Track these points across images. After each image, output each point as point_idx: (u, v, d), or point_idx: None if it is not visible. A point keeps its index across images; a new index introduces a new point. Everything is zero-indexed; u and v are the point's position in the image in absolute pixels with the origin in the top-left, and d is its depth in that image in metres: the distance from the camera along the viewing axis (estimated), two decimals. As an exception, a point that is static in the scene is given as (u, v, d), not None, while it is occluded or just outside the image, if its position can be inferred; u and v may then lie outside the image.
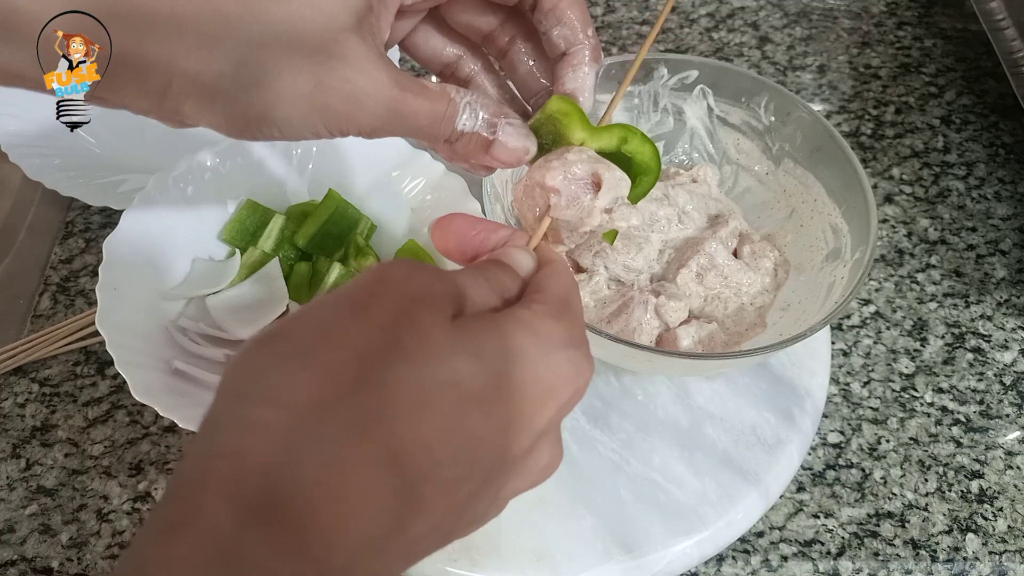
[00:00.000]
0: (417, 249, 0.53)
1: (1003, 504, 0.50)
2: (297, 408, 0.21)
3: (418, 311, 0.23)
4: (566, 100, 0.34)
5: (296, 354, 0.22)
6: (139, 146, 0.64)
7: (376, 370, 0.22)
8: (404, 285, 0.24)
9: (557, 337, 0.25)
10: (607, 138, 0.35)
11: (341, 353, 0.22)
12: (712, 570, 0.48)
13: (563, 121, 0.34)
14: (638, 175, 0.36)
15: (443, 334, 0.23)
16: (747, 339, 0.49)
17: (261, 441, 0.20)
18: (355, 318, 0.23)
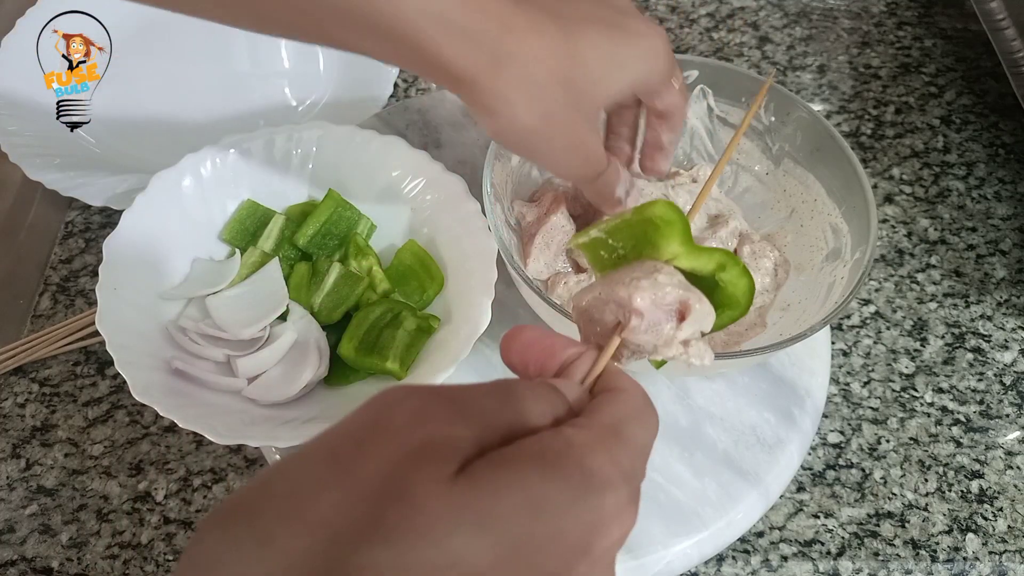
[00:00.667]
0: (417, 249, 0.53)
1: (1003, 504, 0.50)
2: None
3: (412, 472, 0.19)
4: (673, 208, 0.31)
5: (254, 540, 0.19)
6: (139, 146, 0.64)
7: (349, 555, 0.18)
8: (405, 434, 0.20)
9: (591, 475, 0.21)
10: (705, 260, 0.32)
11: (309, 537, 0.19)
12: (712, 570, 0.48)
13: (662, 229, 0.31)
14: (722, 307, 0.32)
15: (439, 502, 0.19)
16: (747, 339, 0.49)
17: None
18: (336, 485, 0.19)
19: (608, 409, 0.24)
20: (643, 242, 0.31)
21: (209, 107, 0.68)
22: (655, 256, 0.31)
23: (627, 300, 0.29)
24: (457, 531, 0.19)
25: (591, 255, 0.32)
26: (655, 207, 0.30)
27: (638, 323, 0.29)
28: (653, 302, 0.29)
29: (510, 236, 0.50)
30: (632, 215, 0.31)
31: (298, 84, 0.69)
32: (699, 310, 0.30)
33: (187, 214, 0.52)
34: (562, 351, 0.27)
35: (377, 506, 0.19)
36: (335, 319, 0.51)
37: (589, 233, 0.32)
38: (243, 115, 0.67)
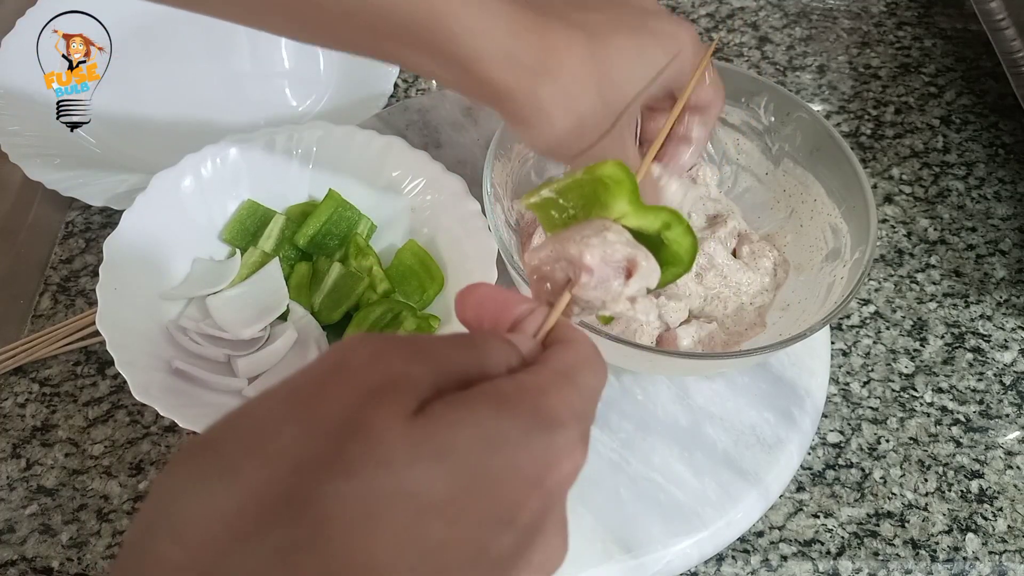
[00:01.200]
0: (417, 249, 0.53)
1: (1003, 504, 0.50)
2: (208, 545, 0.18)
3: (372, 408, 0.20)
4: (623, 168, 0.32)
5: (218, 472, 0.19)
6: (139, 146, 0.64)
7: (311, 487, 0.19)
8: (364, 373, 0.21)
9: (543, 414, 0.22)
10: (652, 218, 0.33)
11: (272, 469, 0.19)
12: (712, 570, 0.48)
13: (611, 188, 0.32)
14: (667, 264, 0.33)
15: (398, 436, 0.20)
16: (747, 339, 0.49)
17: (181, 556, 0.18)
18: (297, 420, 0.20)
19: (559, 357, 0.25)
20: (592, 201, 0.32)
21: (209, 107, 0.68)
22: (604, 215, 0.32)
23: (577, 257, 0.30)
24: (416, 463, 0.19)
25: (542, 215, 0.33)
26: (605, 167, 0.31)
27: (588, 279, 0.30)
28: (602, 259, 0.30)
29: (510, 236, 0.50)
30: (582, 174, 0.32)
31: (298, 84, 0.69)
32: (646, 267, 0.31)
33: (187, 214, 0.53)
34: (515, 307, 0.28)
35: (337, 440, 0.19)
36: (335, 319, 0.51)
37: (540, 193, 0.33)
38: (243, 115, 0.67)
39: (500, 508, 0.21)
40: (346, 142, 0.55)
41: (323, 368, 0.21)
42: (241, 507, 0.19)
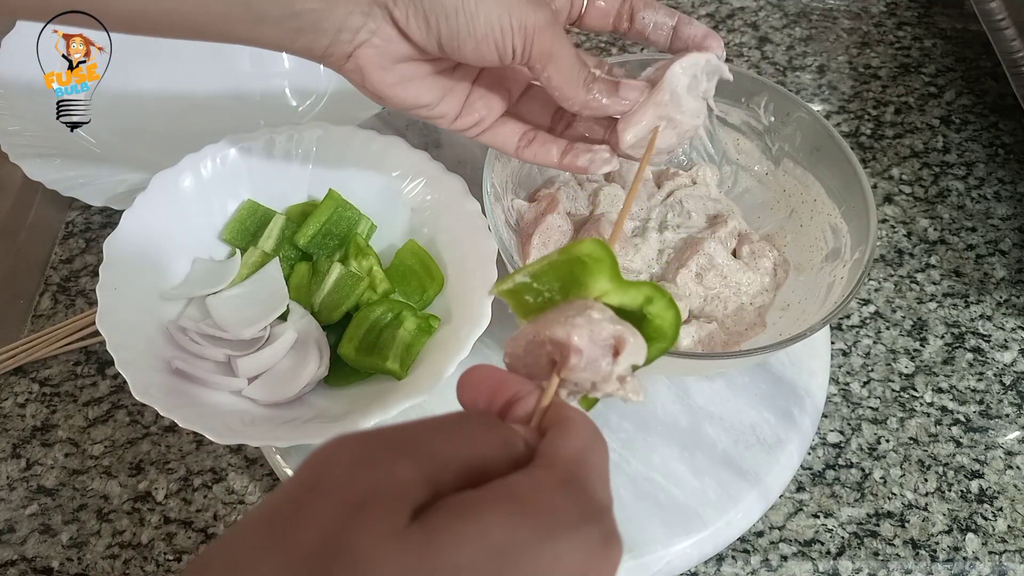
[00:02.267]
0: (417, 249, 0.53)
1: (1003, 504, 0.50)
2: None
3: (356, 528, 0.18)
4: (603, 245, 0.31)
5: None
6: (139, 146, 0.64)
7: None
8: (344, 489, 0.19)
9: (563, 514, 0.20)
10: (634, 294, 0.32)
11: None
12: (712, 570, 0.48)
13: (591, 267, 0.31)
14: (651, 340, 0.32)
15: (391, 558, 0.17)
16: (747, 339, 0.49)
17: None
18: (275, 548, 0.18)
19: (567, 443, 0.23)
20: (570, 282, 0.31)
21: (209, 107, 0.68)
22: (583, 295, 0.31)
23: (565, 339, 0.28)
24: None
25: (515, 302, 0.32)
26: (583, 245, 0.30)
27: (577, 361, 0.28)
28: (590, 339, 0.29)
29: (510, 236, 0.50)
30: (559, 255, 0.31)
31: (298, 84, 0.69)
32: (633, 343, 0.30)
33: (187, 214, 0.52)
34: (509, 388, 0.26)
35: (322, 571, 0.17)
36: (335, 319, 0.51)
37: (514, 279, 0.31)
38: (243, 115, 0.67)
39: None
40: (346, 142, 0.55)
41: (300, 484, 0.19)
42: None
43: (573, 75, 0.39)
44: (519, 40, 0.36)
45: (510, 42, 0.36)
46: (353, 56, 0.38)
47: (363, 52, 0.38)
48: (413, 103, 0.40)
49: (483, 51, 0.37)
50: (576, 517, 0.20)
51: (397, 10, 0.36)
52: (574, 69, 0.39)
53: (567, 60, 0.38)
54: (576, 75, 0.39)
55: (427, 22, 0.36)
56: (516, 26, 0.36)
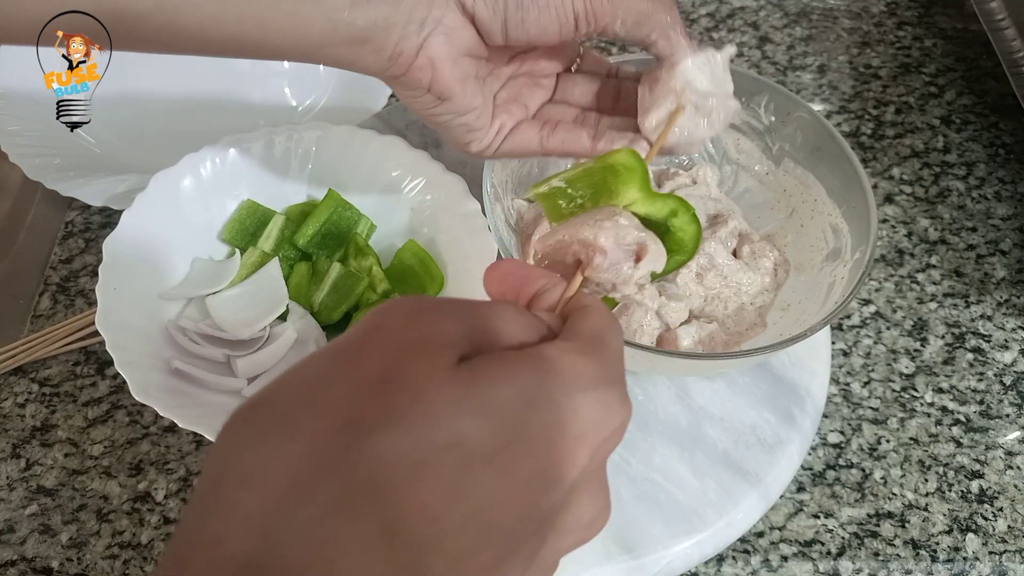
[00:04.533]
0: (417, 249, 0.53)
1: (1003, 504, 0.50)
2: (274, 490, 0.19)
3: (413, 362, 0.21)
4: (636, 156, 0.33)
5: (276, 426, 0.20)
6: (139, 146, 0.64)
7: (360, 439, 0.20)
8: (401, 332, 0.22)
9: (585, 375, 0.23)
10: (660, 205, 0.34)
11: (325, 420, 0.20)
12: (712, 570, 0.48)
13: (624, 176, 0.33)
14: (671, 252, 0.35)
15: (441, 388, 0.20)
16: (747, 339, 0.49)
17: (238, 529, 0.19)
18: (343, 376, 0.21)
19: (587, 323, 0.25)
20: (602, 190, 0.33)
21: (209, 107, 0.68)
22: (613, 203, 0.33)
23: (592, 239, 0.31)
24: (461, 414, 0.20)
25: (549, 205, 0.34)
26: (618, 155, 0.33)
27: (601, 260, 0.31)
28: (616, 242, 0.31)
29: (510, 236, 0.50)
30: (595, 163, 0.33)
31: (298, 84, 0.69)
32: (655, 251, 0.32)
33: (187, 214, 0.52)
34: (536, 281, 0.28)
35: (383, 394, 0.20)
36: (335, 319, 0.51)
37: (550, 183, 0.34)
38: (243, 115, 0.67)
39: (548, 465, 0.21)
40: (346, 142, 0.55)
41: (363, 330, 0.22)
42: (300, 458, 0.20)
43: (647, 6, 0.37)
44: (579, 3, 0.36)
45: (571, 7, 0.36)
46: (423, 48, 0.36)
47: (433, 42, 0.36)
48: (470, 104, 0.39)
49: (544, 21, 0.36)
50: (595, 380, 0.23)
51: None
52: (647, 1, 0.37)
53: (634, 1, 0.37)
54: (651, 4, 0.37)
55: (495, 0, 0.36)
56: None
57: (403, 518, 0.19)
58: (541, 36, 0.37)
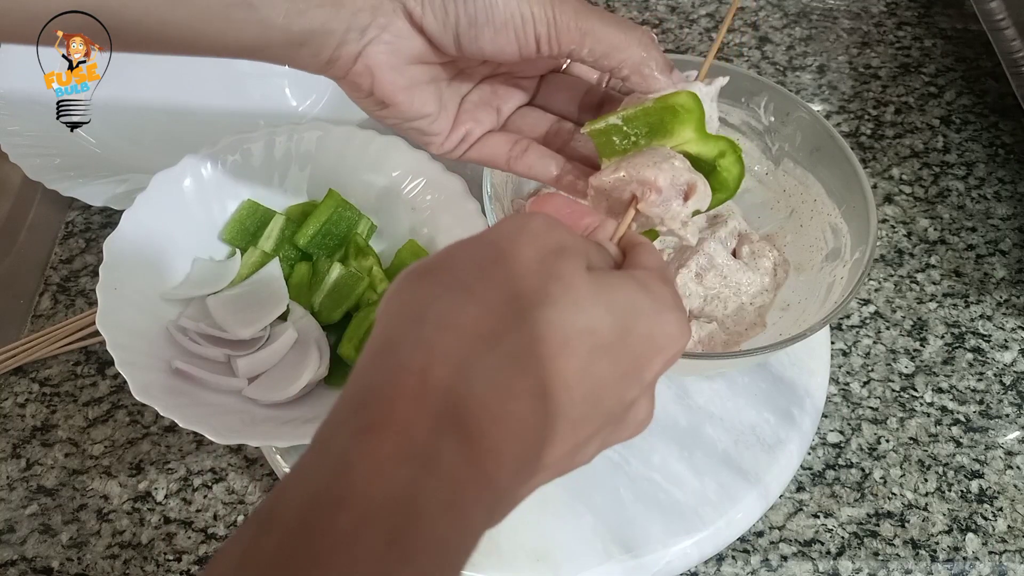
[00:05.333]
0: (417, 249, 0.53)
1: (1003, 504, 0.50)
2: (468, 336, 0.23)
3: (560, 260, 0.25)
4: (696, 99, 0.35)
5: (459, 288, 0.24)
6: (139, 146, 0.64)
7: (527, 310, 0.24)
8: (543, 237, 0.26)
9: (668, 298, 0.27)
10: (712, 145, 0.36)
11: (498, 292, 0.24)
12: (712, 570, 0.48)
13: (682, 116, 0.35)
14: (715, 190, 0.37)
15: (583, 285, 0.25)
16: (747, 339, 0.49)
17: (441, 362, 0.23)
18: (505, 261, 0.25)
19: (650, 259, 0.30)
20: (659, 128, 0.36)
21: (209, 107, 0.68)
22: (667, 142, 0.36)
23: (652, 180, 0.34)
24: (596, 307, 0.25)
25: (602, 141, 0.36)
26: (679, 97, 0.35)
27: (655, 198, 0.34)
28: (671, 182, 0.34)
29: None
30: (655, 103, 0.35)
31: (298, 84, 0.69)
32: (703, 190, 0.35)
33: (187, 214, 0.52)
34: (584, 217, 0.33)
35: (540, 279, 0.25)
36: (335, 319, 0.51)
37: (607, 119, 0.36)
38: (243, 115, 0.67)
39: (639, 365, 0.26)
40: (346, 142, 0.55)
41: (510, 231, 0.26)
42: (481, 316, 0.24)
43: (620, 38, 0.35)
44: (542, 27, 0.34)
45: (532, 30, 0.34)
46: (362, 56, 0.35)
47: (373, 50, 0.35)
48: (418, 112, 0.37)
49: (501, 42, 0.34)
50: (673, 303, 0.27)
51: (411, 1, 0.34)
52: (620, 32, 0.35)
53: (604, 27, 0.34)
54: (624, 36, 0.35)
55: (445, 10, 0.34)
56: (536, 11, 0.33)
57: (551, 383, 0.24)
58: (498, 55, 0.35)
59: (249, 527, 0.21)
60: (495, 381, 0.23)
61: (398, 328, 0.24)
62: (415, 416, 0.22)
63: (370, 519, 0.20)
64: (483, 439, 0.22)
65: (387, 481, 0.21)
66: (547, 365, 0.24)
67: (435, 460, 0.21)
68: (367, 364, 0.24)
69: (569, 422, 0.24)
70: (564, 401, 0.24)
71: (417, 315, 0.24)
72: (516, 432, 0.23)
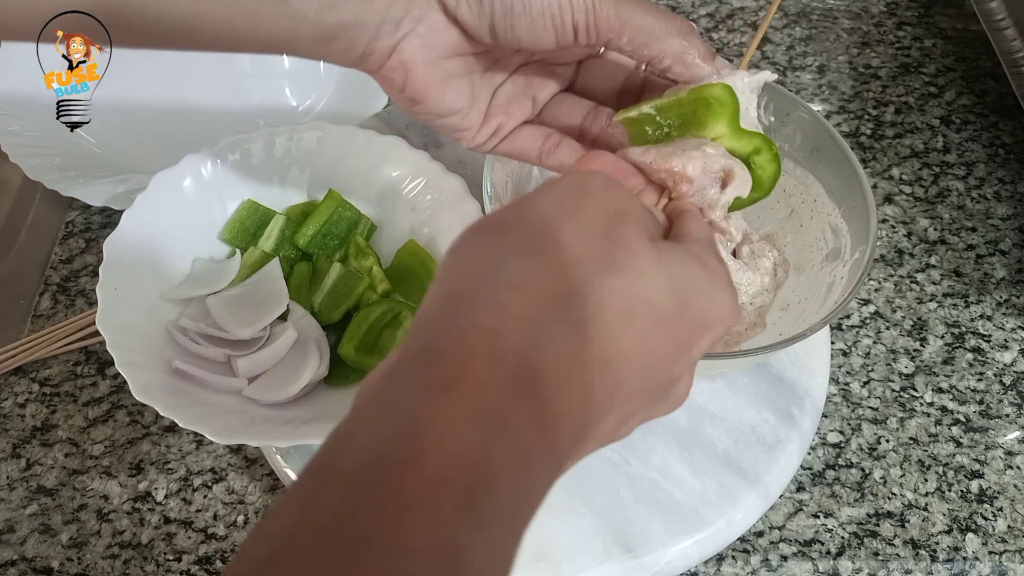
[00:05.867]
0: (417, 249, 0.53)
1: (1003, 504, 0.50)
2: (539, 299, 0.23)
3: (623, 227, 0.25)
4: (731, 92, 0.34)
5: (529, 249, 0.24)
6: (139, 146, 0.64)
7: (593, 277, 0.24)
8: (604, 198, 0.26)
9: (723, 276, 0.27)
10: (746, 141, 0.35)
11: (565, 255, 0.24)
12: (712, 570, 0.48)
13: (716, 110, 0.34)
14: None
15: (646, 254, 0.25)
16: (747, 339, 0.49)
17: (513, 323, 0.22)
18: (570, 223, 0.25)
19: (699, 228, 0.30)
20: (691, 121, 0.35)
21: (209, 107, 0.68)
22: (700, 135, 0.35)
23: (680, 170, 0.33)
24: (659, 279, 0.25)
25: (635, 130, 0.36)
26: (714, 89, 0.34)
27: (687, 188, 0.33)
28: (703, 170, 0.33)
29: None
30: (687, 95, 0.34)
31: (298, 84, 0.69)
32: (741, 176, 0.34)
33: (187, 214, 0.52)
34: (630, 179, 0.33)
35: (606, 245, 0.25)
36: (335, 319, 0.51)
37: (640, 108, 0.35)
38: (243, 115, 0.67)
39: (690, 341, 0.26)
40: (346, 142, 0.55)
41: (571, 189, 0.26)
42: (551, 277, 0.23)
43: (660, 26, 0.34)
44: (580, 15, 0.32)
45: (570, 18, 0.33)
46: (397, 50, 0.34)
47: (408, 44, 0.34)
48: (449, 107, 0.36)
49: (537, 30, 0.33)
50: (727, 281, 0.28)
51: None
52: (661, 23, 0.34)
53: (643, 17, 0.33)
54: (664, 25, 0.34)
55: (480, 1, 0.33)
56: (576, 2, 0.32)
57: (612, 352, 0.24)
58: (535, 44, 0.34)
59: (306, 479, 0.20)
60: (564, 347, 0.23)
61: (468, 285, 0.23)
62: (489, 377, 0.21)
63: (443, 480, 0.19)
64: (552, 404, 0.22)
65: (461, 442, 0.20)
66: (612, 334, 0.24)
67: (508, 424, 0.21)
68: (433, 320, 0.23)
69: (624, 394, 0.25)
70: (624, 372, 0.24)
71: (488, 274, 0.24)
72: (581, 400, 0.23)
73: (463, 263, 0.25)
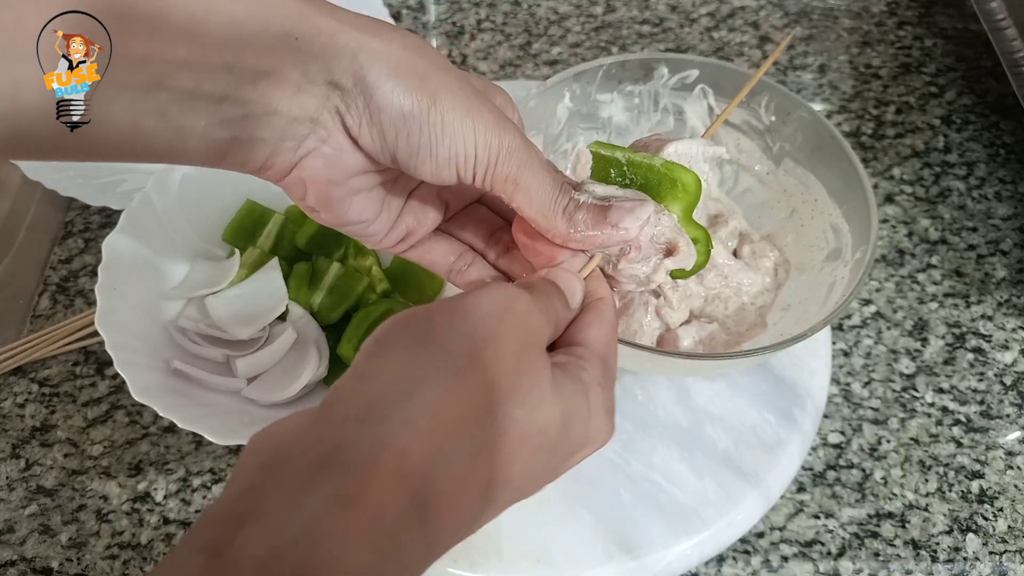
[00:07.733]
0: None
1: (1003, 504, 0.50)
2: (449, 423, 0.25)
3: (533, 356, 0.28)
4: (699, 185, 0.36)
5: (450, 371, 0.26)
6: (139, 146, 0.64)
7: (500, 405, 0.26)
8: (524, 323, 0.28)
9: (601, 405, 0.30)
10: (691, 229, 0.37)
11: (481, 379, 0.26)
12: (712, 570, 0.48)
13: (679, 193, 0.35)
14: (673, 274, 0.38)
15: (547, 385, 0.28)
16: (748, 339, 0.49)
17: (422, 444, 0.24)
18: (489, 348, 0.27)
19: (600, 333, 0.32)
20: (654, 188, 0.36)
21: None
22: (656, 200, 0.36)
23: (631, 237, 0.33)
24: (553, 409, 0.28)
25: (600, 166, 0.37)
26: (687, 174, 0.35)
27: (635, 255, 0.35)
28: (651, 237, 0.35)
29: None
30: (661, 166, 0.35)
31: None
32: (686, 250, 0.36)
33: (187, 214, 0.52)
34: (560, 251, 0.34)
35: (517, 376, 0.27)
36: (335, 319, 0.51)
37: (614, 151, 0.36)
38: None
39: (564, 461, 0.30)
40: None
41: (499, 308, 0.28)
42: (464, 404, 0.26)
43: (547, 204, 0.33)
44: (481, 168, 0.32)
45: (471, 167, 0.32)
46: (298, 167, 0.31)
47: (310, 163, 0.31)
48: (354, 219, 0.34)
49: (442, 174, 0.32)
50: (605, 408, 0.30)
51: (349, 117, 0.30)
52: (548, 197, 0.33)
53: (538, 188, 0.33)
54: (551, 204, 0.33)
55: (383, 136, 0.31)
56: (480, 152, 0.31)
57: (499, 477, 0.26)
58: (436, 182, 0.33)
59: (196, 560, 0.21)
60: (460, 471, 0.25)
61: (389, 395, 0.25)
62: (389, 499, 0.23)
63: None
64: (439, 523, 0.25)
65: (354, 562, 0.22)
66: (502, 462, 0.26)
67: (400, 547, 0.23)
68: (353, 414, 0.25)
69: (498, 507, 0.28)
70: (501, 495, 0.27)
71: (409, 389, 0.25)
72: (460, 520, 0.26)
73: (389, 366, 0.26)
